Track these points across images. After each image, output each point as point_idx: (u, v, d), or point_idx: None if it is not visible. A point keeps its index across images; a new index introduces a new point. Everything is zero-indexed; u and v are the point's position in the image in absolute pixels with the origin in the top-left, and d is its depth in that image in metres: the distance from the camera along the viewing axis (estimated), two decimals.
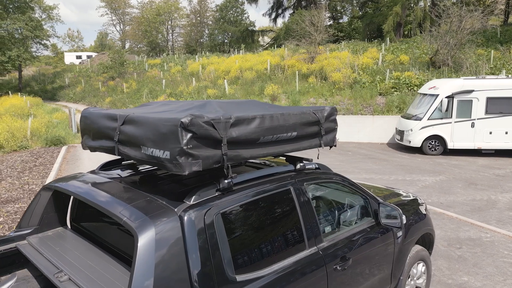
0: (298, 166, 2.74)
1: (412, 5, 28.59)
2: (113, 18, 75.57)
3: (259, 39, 49.59)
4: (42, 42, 40.12)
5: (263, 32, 48.68)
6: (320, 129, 2.71)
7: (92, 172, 2.83)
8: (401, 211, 2.99)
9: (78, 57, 60.24)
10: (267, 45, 45.06)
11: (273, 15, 44.70)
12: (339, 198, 3.16)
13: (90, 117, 2.60)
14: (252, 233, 2.29)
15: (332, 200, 3.15)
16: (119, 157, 2.52)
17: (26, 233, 2.69)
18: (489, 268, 4.81)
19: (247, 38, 44.91)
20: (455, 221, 6.48)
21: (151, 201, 2.10)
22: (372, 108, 16.20)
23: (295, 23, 25.27)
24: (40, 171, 10.20)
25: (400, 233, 3.34)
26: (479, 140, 12.24)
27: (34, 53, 38.79)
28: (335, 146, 2.94)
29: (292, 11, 41.00)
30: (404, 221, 3.01)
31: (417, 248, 3.71)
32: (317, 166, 2.93)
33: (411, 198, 4.05)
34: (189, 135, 1.90)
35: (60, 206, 2.83)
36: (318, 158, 3.35)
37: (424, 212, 3.94)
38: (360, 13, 40.01)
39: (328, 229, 2.82)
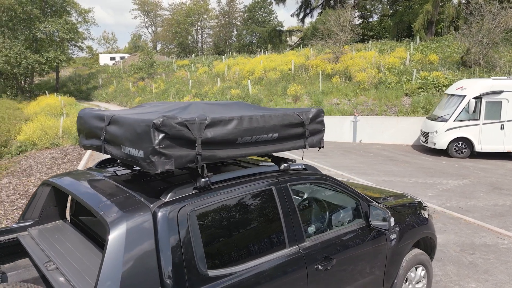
0: (282, 167, 2.78)
1: (444, 2, 27.62)
2: (146, 20, 77.76)
3: (287, 39, 49.46)
4: (77, 44, 41.88)
5: (290, 32, 48.51)
6: (305, 131, 2.74)
7: (89, 169, 3.00)
8: (389, 214, 2.97)
9: (112, 58, 62.38)
10: (294, 45, 44.89)
11: (301, 15, 44.49)
12: (327, 199, 3.17)
13: (83, 117, 2.76)
14: (229, 231, 2.36)
15: (319, 201, 3.16)
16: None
17: (27, 225, 2.89)
18: (501, 276, 4.63)
19: (274, 38, 44.91)
20: (472, 227, 6.26)
21: (130, 197, 2.22)
22: (397, 109, 15.83)
23: (321, 23, 25.06)
24: (67, 168, 10.72)
25: (393, 236, 3.30)
26: (509, 143, 11.69)
27: (70, 55, 40.55)
28: (322, 147, 2.95)
29: (320, 11, 40.64)
30: (392, 224, 2.98)
31: (415, 251, 3.64)
32: (303, 167, 2.96)
33: (413, 201, 3.98)
34: (161, 135, 1.99)
35: (60, 201, 3.01)
36: (302, 159, 3.37)
37: (426, 216, 3.86)
38: (391, 11, 39.06)
39: (312, 229, 2.84)
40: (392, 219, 2.97)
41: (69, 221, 3.12)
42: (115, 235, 1.90)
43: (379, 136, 15.29)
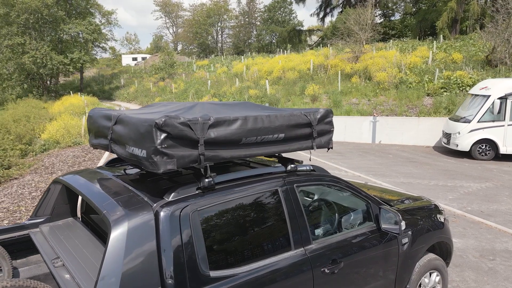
0: (289, 168, 2.74)
1: (469, 0, 26.79)
2: (167, 21, 78.96)
3: (307, 39, 49.16)
4: (101, 45, 42.86)
5: (310, 31, 48.17)
6: (312, 132, 2.70)
7: (99, 167, 3.04)
8: (400, 217, 2.88)
9: (134, 59, 63.49)
10: (313, 45, 44.56)
11: (321, 14, 44.13)
12: (336, 201, 3.10)
13: (93, 116, 2.81)
14: (232, 232, 2.34)
15: (328, 203, 3.10)
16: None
17: (39, 222, 2.96)
18: None
19: (293, 38, 44.71)
20: (494, 231, 6.03)
21: (133, 196, 2.23)
22: (418, 109, 15.46)
23: (341, 22, 24.77)
24: (87, 166, 10.97)
25: (405, 240, 3.21)
26: None
27: (93, 56, 41.54)
28: (331, 148, 2.90)
29: (340, 10, 40.18)
30: (403, 227, 2.89)
31: (429, 256, 3.53)
32: (311, 168, 2.91)
33: (429, 204, 3.86)
34: (163, 135, 1.99)
35: (71, 198, 3.07)
36: (310, 160, 3.31)
37: (441, 220, 3.74)
38: (414, 9, 38.19)
39: (319, 231, 2.79)
40: (403, 223, 2.88)
41: (80, 219, 3.18)
42: (116, 234, 1.91)
43: (399, 137, 14.97)
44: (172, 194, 2.19)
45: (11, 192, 8.48)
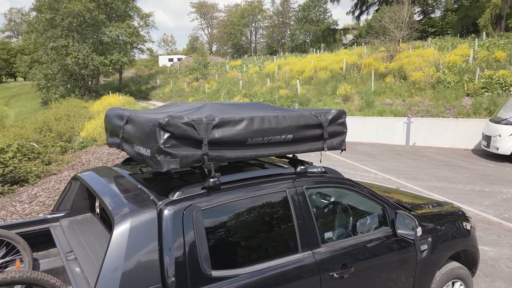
0: (298, 169, 2.69)
1: None
2: (202, 22, 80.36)
3: (342, 38, 48.31)
4: (138, 47, 44.33)
5: (345, 30, 47.29)
6: (323, 133, 2.64)
7: (115, 165, 3.14)
8: (416, 222, 2.75)
9: (170, 60, 65.12)
10: (348, 44, 43.72)
11: (356, 13, 43.23)
12: (350, 204, 3.02)
13: (109, 116, 2.90)
14: (236, 232, 2.33)
15: (341, 206, 3.02)
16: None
17: (59, 216, 3.09)
18: None
19: (327, 37, 44.09)
20: None
21: (140, 194, 2.28)
22: (456, 110, 14.75)
23: (377, 21, 24.10)
24: (118, 163, 11.38)
25: (425, 246, 3.07)
26: None
27: (131, 57, 43.06)
28: (344, 150, 2.82)
29: (377, 8, 39.15)
30: (419, 234, 2.76)
31: (452, 265, 3.36)
32: (323, 170, 2.84)
33: (454, 210, 3.68)
34: (166, 134, 2.02)
35: (90, 195, 3.19)
36: (320, 162, 3.23)
37: (467, 228, 3.55)
38: (455, 6, 36.51)
39: (329, 234, 2.73)
40: (419, 229, 2.75)
41: (98, 215, 3.29)
42: (118, 231, 1.96)
43: (434, 139, 14.36)
44: (177, 193, 2.21)
45: (48, 187, 8.96)
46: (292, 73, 24.30)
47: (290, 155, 2.85)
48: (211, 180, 2.27)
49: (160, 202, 2.16)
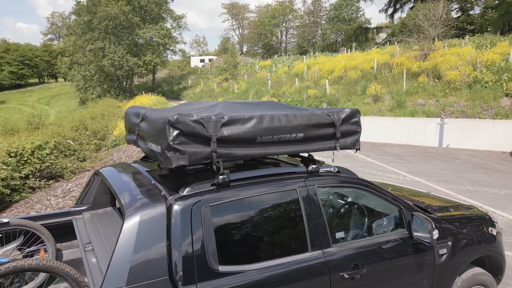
0: (310, 168, 2.68)
1: None
2: (233, 23, 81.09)
3: (375, 37, 47.24)
4: (171, 48, 45.39)
5: (378, 29, 46.20)
6: (336, 132, 2.61)
7: (134, 162, 3.25)
8: (433, 225, 2.67)
9: (202, 60, 66.15)
10: (381, 43, 42.66)
11: (390, 10, 42.02)
12: (364, 205, 2.96)
13: (128, 114, 3.01)
14: (244, 229, 2.36)
15: (355, 207, 2.97)
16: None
17: (82, 209, 3.25)
18: None
19: (359, 36, 43.24)
20: None
21: (152, 189, 2.35)
22: (494, 111, 14.06)
23: (411, 19, 23.37)
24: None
25: (444, 250, 2.96)
26: None
27: (164, 58, 44.18)
28: (358, 149, 2.78)
29: (412, 5, 37.94)
30: (435, 237, 2.66)
31: (475, 270, 3.22)
32: (336, 170, 2.81)
33: (480, 215, 3.53)
34: (176, 132, 2.08)
35: (110, 189, 3.31)
36: (333, 161, 3.19)
37: (493, 233, 3.40)
38: (496, 2, 34.73)
39: (341, 234, 2.69)
40: (435, 231, 2.66)
41: (119, 209, 3.42)
42: (128, 225, 2.04)
43: (470, 141, 13.76)
44: (187, 189, 2.27)
45: (81, 183, 9.37)
46: (321, 73, 24.03)
47: (305, 154, 2.84)
48: (220, 177, 2.31)
49: (170, 197, 2.22)
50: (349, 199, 3.00)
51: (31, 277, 2.83)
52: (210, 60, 62.05)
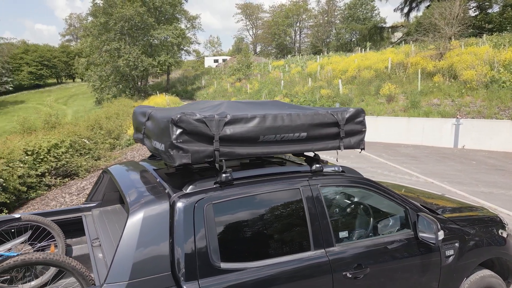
0: (313, 167, 2.69)
1: None
2: (247, 23, 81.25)
3: (390, 36, 46.64)
4: (184, 48, 45.79)
5: (393, 28, 45.60)
6: (340, 131, 2.61)
7: (142, 160, 3.31)
8: (438, 226, 2.64)
9: (215, 61, 66.49)
10: (396, 42, 42.11)
11: (406, 9, 41.40)
12: (369, 204, 2.95)
13: (135, 113, 3.07)
14: (247, 227, 2.38)
15: (360, 206, 2.96)
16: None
17: (92, 206, 3.32)
18: None
19: (374, 35, 42.77)
20: None
21: (156, 187, 2.40)
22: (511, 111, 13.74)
23: (427, 17, 23.00)
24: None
25: (450, 252, 2.93)
26: None
27: (178, 58, 44.59)
28: (363, 149, 2.77)
29: (428, 4, 37.33)
30: (440, 237, 2.63)
31: (483, 273, 3.17)
32: (341, 170, 2.81)
33: (490, 216, 3.47)
34: (179, 130, 2.12)
35: None
36: (337, 161, 3.17)
37: (503, 235, 3.34)
38: None
39: (345, 234, 2.69)
40: (441, 232, 2.63)
41: None
42: (132, 221, 2.08)
43: (486, 142, 13.47)
44: (190, 186, 2.31)
45: (95, 181, 9.53)
46: (334, 73, 23.89)
47: (311, 154, 2.85)
48: (223, 175, 2.34)
49: (174, 195, 2.26)
50: (354, 199, 3.00)
51: (42, 271, 2.91)
52: (223, 60, 62.32)
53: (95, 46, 39.15)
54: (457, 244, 2.98)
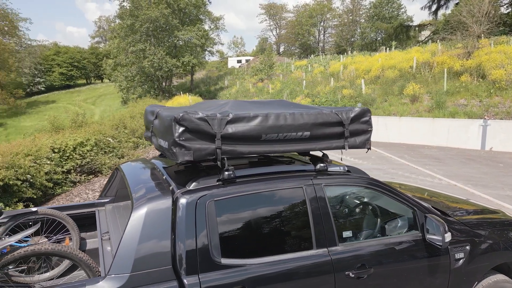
0: (317, 167, 2.69)
1: None
2: (271, 23, 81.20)
3: (417, 35, 45.48)
4: (208, 49, 46.26)
5: (420, 27, 44.44)
6: (344, 131, 2.60)
7: (154, 158, 3.40)
8: (445, 228, 2.58)
9: (239, 61, 66.81)
10: (423, 41, 41.02)
11: (433, 7, 40.28)
12: (376, 205, 2.92)
13: (146, 112, 3.16)
14: (248, 224, 2.41)
15: (364, 206, 2.93)
16: None
17: (105, 202, 3.45)
18: None
19: (400, 34, 41.83)
20: None
21: (161, 184, 2.47)
22: None
23: (455, 15, 22.31)
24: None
25: (460, 255, 2.86)
26: None
27: (201, 59, 45.11)
28: (369, 149, 2.75)
29: (457, 1, 36.17)
30: (447, 239, 2.57)
31: (497, 277, 3.08)
32: (346, 169, 2.80)
33: (506, 219, 3.36)
34: (181, 128, 2.19)
35: None
36: (341, 160, 3.15)
37: None
38: None
39: (349, 234, 2.67)
40: (448, 234, 2.58)
41: None
42: (136, 216, 2.16)
43: None
44: (193, 183, 2.37)
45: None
46: (357, 72, 23.54)
47: (319, 153, 2.85)
48: (226, 173, 2.38)
49: (177, 191, 2.33)
50: (359, 199, 2.98)
51: (57, 263, 3.05)
52: (246, 60, 62.55)
53: (121, 48, 40.17)
54: (467, 247, 2.91)
